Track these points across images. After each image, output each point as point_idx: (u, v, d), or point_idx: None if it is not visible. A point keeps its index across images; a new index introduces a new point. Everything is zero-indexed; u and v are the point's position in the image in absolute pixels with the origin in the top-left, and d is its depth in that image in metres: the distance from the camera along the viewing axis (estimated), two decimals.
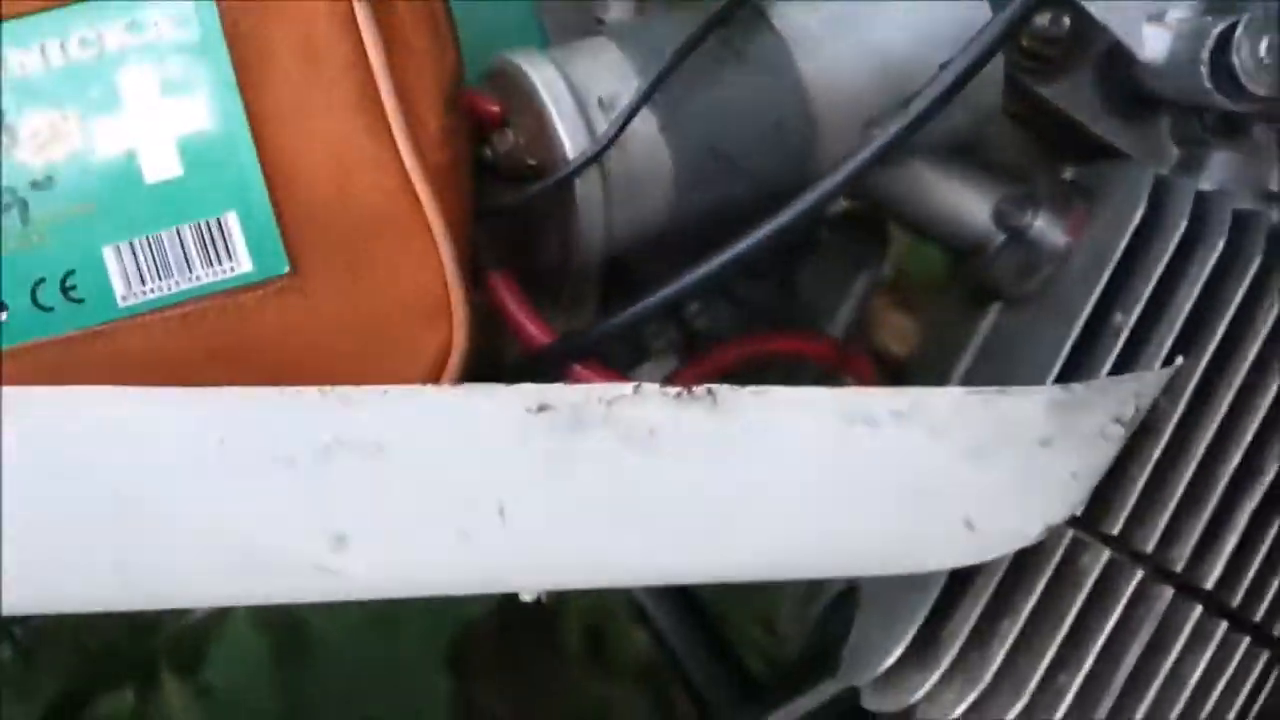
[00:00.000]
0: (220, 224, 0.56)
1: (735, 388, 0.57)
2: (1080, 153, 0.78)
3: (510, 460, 0.56)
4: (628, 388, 0.56)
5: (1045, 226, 0.72)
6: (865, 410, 0.58)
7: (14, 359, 0.56)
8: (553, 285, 0.69)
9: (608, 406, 0.56)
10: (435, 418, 0.55)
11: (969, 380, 0.74)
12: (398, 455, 0.55)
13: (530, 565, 0.56)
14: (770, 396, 0.57)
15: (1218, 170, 0.75)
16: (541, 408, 0.56)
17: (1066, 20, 0.74)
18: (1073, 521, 0.62)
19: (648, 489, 0.56)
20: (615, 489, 0.56)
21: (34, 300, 0.56)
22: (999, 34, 0.61)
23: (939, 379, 0.76)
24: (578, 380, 0.65)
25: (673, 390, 0.56)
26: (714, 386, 0.56)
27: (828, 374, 0.79)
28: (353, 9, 0.58)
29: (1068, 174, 0.76)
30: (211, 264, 0.57)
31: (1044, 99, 0.76)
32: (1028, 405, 0.59)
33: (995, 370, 0.73)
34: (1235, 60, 0.68)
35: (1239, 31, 0.68)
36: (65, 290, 0.56)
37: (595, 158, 0.63)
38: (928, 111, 0.61)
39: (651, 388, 0.56)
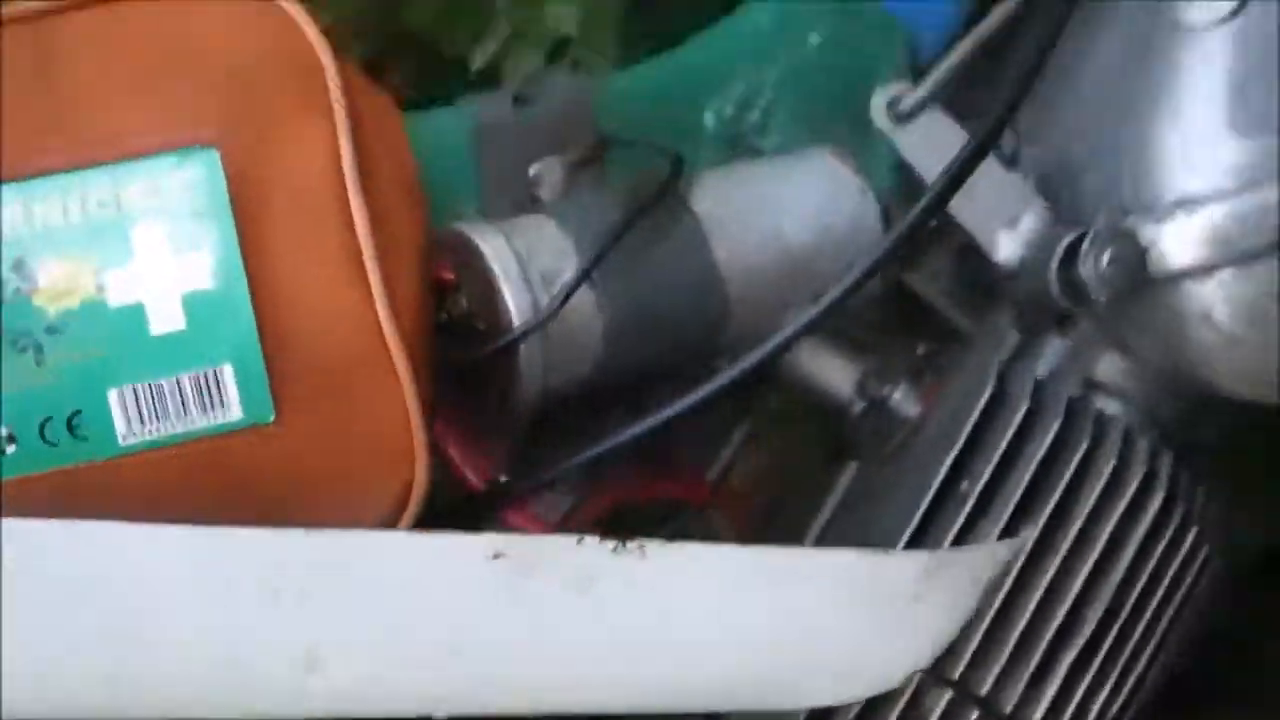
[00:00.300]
0: (217, 375, 0.61)
1: (663, 543, 0.65)
2: (933, 331, 0.87)
3: (468, 600, 0.62)
4: (572, 540, 0.63)
5: (902, 398, 0.81)
6: (768, 566, 0.67)
7: (19, 487, 0.59)
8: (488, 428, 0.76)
9: (555, 555, 0.63)
10: (405, 559, 0.62)
11: (829, 530, 0.83)
12: (370, 591, 0.61)
13: (480, 693, 0.63)
14: (689, 551, 0.66)
15: (1051, 357, 0.81)
16: (497, 555, 0.62)
17: (932, 220, 0.83)
18: None
19: (586, 629, 0.64)
20: (558, 629, 0.63)
21: (41, 435, 0.60)
22: (894, 244, 0.70)
23: (795, 527, 0.85)
24: (507, 523, 0.72)
25: (609, 543, 0.64)
26: (644, 541, 0.64)
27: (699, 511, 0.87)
28: (342, 174, 0.62)
29: (921, 349, 0.85)
30: (206, 410, 0.61)
31: (905, 283, 0.86)
32: (906, 566, 0.68)
33: (854, 522, 0.81)
34: (1081, 270, 0.74)
35: (1086, 244, 0.74)
36: (71, 428, 0.60)
37: (539, 327, 0.70)
38: (836, 303, 0.70)
39: (592, 540, 0.64)
